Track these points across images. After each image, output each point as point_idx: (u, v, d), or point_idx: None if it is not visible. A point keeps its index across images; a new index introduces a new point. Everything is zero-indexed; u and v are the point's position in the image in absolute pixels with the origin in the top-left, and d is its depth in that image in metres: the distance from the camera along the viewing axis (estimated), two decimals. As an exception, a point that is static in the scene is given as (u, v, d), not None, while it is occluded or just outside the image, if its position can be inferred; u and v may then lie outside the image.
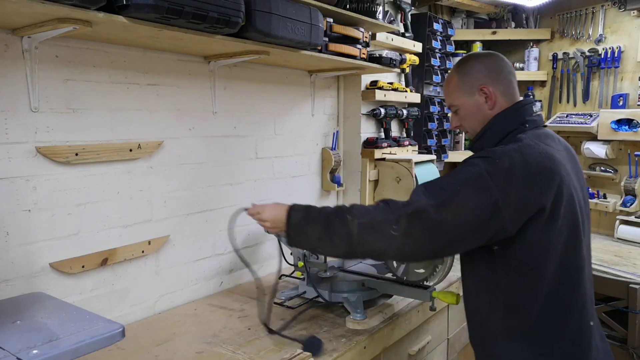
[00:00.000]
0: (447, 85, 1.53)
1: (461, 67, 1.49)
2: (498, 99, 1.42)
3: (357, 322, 1.65)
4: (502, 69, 1.45)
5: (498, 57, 1.48)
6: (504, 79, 1.45)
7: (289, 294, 1.88)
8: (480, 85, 1.43)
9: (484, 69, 1.45)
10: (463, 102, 1.46)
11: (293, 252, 1.97)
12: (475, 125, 1.47)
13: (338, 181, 2.59)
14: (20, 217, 1.42)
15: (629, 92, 3.18)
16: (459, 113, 1.49)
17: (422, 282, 1.71)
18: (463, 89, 1.46)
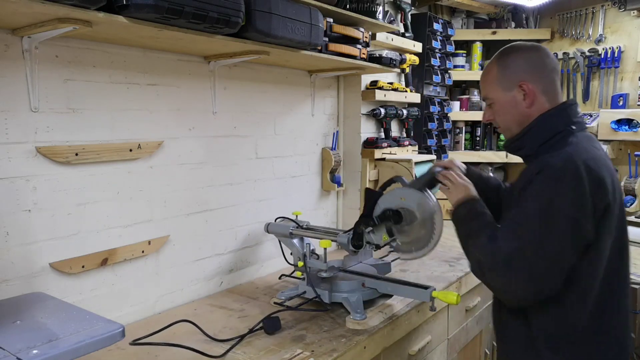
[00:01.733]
0: (485, 76, 1.46)
1: (502, 58, 1.42)
2: (537, 97, 1.36)
3: (357, 322, 1.65)
4: (546, 65, 1.38)
5: (543, 52, 1.40)
6: (547, 76, 1.38)
7: (289, 294, 1.88)
8: (519, 81, 1.36)
9: (525, 64, 1.38)
10: (499, 97, 1.41)
11: (293, 252, 1.97)
12: (509, 122, 1.42)
13: (338, 181, 2.59)
14: (20, 217, 1.42)
15: (629, 92, 3.18)
16: (493, 107, 1.44)
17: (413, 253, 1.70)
18: (501, 83, 1.40)
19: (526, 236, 1.22)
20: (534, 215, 1.23)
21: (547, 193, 1.22)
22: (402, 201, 1.65)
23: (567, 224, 1.20)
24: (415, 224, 1.65)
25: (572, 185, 1.20)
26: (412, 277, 2.14)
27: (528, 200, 1.25)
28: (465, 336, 2.32)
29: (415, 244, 1.67)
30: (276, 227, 2.08)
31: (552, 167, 1.24)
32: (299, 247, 1.99)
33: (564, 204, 1.20)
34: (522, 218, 1.25)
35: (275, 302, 1.84)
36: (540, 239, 1.21)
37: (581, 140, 1.30)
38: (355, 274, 1.89)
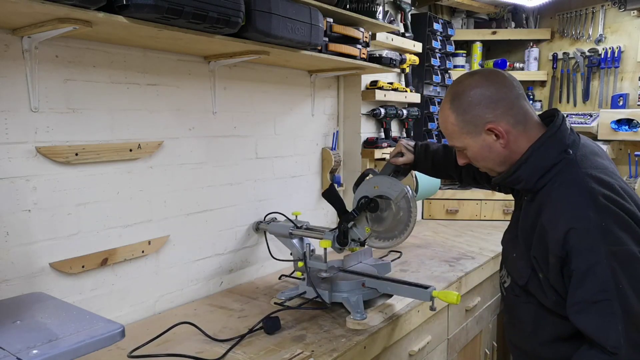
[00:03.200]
0: (444, 124, 1.30)
1: (456, 102, 1.25)
2: (512, 134, 1.22)
3: (357, 322, 1.65)
4: (507, 94, 1.21)
5: (500, 80, 1.23)
6: (512, 106, 1.21)
7: (289, 294, 1.88)
8: (485, 124, 1.21)
9: (485, 102, 1.21)
10: (469, 143, 1.26)
11: (293, 252, 1.97)
12: (491, 165, 1.29)
13: (338, 181, 2.59)
14: (20, 217, 1.42)
15: (629, 92, 3.18)
16: (467, 153, 1.30)
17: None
18: (466, 130, 1.24)
19: (623, 310, 1.04)
20: (611, 282, 1.05)
21: (604, 251, 1.06)
22: (376, 189, 1.70)
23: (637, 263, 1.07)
24: (391, 209, 1.69)
25: (618, 227, 1.07)
26: (412, 277, 2.14)
27: (589, 273, 1.07)
28: (465, 336, 2.32)
29: (396, 228, 1.70)
30: (275, 227, 2.08)
31: (585, 221, 1.09)
32: (299, 247, 1.99)
33: (627, 247, 1.06)
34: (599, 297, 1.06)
35: (276, 302, 1.84)
36: (635, 294, 1.06)
37: (585, 166, 1.17)
38: (355, 273, 1.89)
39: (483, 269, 2.39)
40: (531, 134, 1.23)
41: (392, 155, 1.73)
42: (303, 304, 1.80)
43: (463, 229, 3.10)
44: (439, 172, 1.76)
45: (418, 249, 2.61)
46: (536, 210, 1.21)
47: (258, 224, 2.18)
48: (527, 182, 1.23)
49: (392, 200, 1.68)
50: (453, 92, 1.27)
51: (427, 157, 1.71)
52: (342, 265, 1.96)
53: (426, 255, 2.50)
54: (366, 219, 1.74)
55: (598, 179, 1.14)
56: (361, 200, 1.70)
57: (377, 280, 1.80)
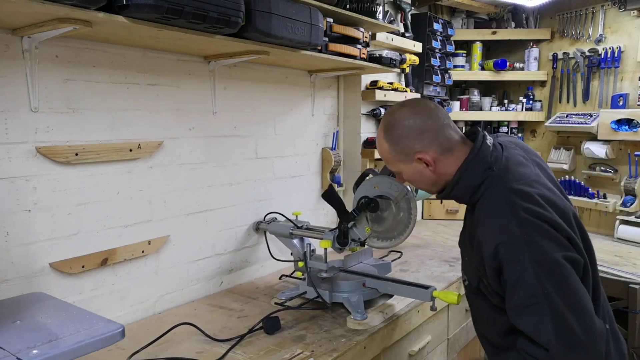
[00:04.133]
0: (380, 150, 1.42)
1: (388, 133, 1.37)
2: (439, 160, 1.33)
3: (357, 322, 1.65)
4: (432, 126, 1.33)
5: (424, 113, 1.34)
6: (437, 136, 1.33)
7: (289, 294, 1.87)
8: (415, 152, 1.33)
9: (413, 134, 1.33)
10: (403, 169, 1.39)
11: (293, 252, 1.97)
12: (425, 186, 1.42)
13: (338, 181, 2.59)
14: (20, 217, 1.42)
15: (629, 92, 3.18)
16: (403, 177, 1.43)
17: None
18: (399, 157, 1.37)
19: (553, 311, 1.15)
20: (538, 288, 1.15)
21: (528, 260, 1.16)
22: (377, 189, 1.70)
23: (566, 266, 1.17)
24: (391, 209, 1.69)
25: (539, 236, 1.17)
26: (412, 277, 2.14)
27: (519, 281, 1.18)
28: (465, 336, 2.32)
29: (396, 229, 1.70)
30: (276, 227, 2.08)
31: (509, 237, 1.19)
32: (299, 248, 1.99)
33: (549, 254, 1.16)
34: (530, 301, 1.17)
35: (276, 303, 1.84)
36: (564, 301, 1.15)
37: (506, 179, 1.26)
38: (355, 274, 1.89)
39: (483, 269, 2.38)
40: (458, 157, 1.34)
41: None
42: (303, 304, 1.80)
43: (463, 229, 3.09)
44: None
45: (418, 249, 2.61)
46: (474, 222, 1.31)
47: (258, 224, 2.18)
48: (462, 199, 1.36)
49: (392, 200, 1.68)
50: (386, 123, 1.38)
51: None
52: (343, 266, 1.96)
53: (426, 255, 2.50)
54: (366, 219, 1.74)
55: (518, 192, 1.23)
56: (361, 200, 1.70)
57: (377, 281, 1.80)
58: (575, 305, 1.16)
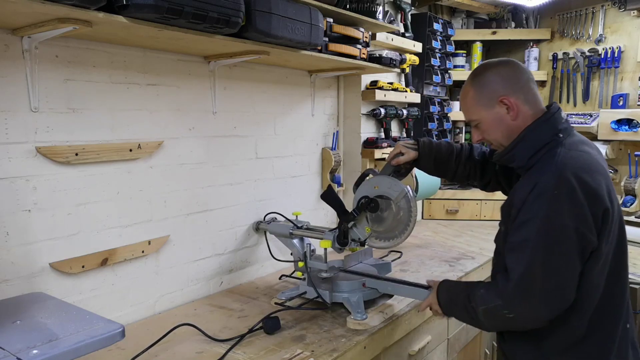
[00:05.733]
0: (463, 100, 1.47)
1: (476, 79, 1.43)
2: (521, 108, 1.37)
3: (358, 323, 1.65)
4: (520, 76, 1.39)
5: (514, 65, 1.42)
6: (523, 86, 1.38)
7: (289, 294, 1.87)
8: (499, 96, 1.37)
9: (500, 79, 1.39)
10: (483, 116, 1.42)
11: (293, 252, 1.97)
12: (500, 138, 1.42)
13: (338, 181, 2.59)
14: (20, 217, 1.42)
15: (629, 92, 3.18)
16: (480, 127, 1.45)
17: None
18: (481, 102, 1.40)
19: (530, 259, 1.24)
20: (535, 236, 1.24)
21: (543, 212, 1.23)
22: (376, 189, 1.69)
23: (571, 237, 1.22)
24: (391, 209, 1.68)
25: (567, 200, 1.22)
26: (412, 277, 2.14)
27: (526, 223, 1.27)
28: (465, 336, 2.32)
29: (396, 228, 1.69)
30: (276, 227, 2.08)
31: (544, 185, 1.25)
32: (299, 248, 1.99)
33: (563, 219, 1.22)
34: (523, 242, 1.27)
35: (276, 303, 1.84)
36: (545, 258, 1.23)
37: (570, 148, 1.31)
38: (355, 274, 1.89)
39: (483, 268, 2.39)
40: (534, 114, 1.38)
41: (390, 156, 1.73)
42: (303, 304, 1.80)
43: (463, 229, 3.10)
44: (439, 169, 1.76)
45: (418, 249, 2.61)
46: (522, 194, 1.32)
47: (258, 223, 2.17)
48: (520, 160, 1.38)
49: (392, 200, 1.68)
50: (475, 71, 1.46)
51: (431, 153, 1.71)
52: (343, 266, 1.95)
53: (426, 255, 2.50)
54: (366, 219, 1.73)
55: (577, 158, 1.29)
56: (361, 200, 1.71)
57: (377, 281, 1.80)
58: (552, 270, 1.23)
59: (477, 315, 1.38)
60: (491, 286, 1.36)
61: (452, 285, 1.54)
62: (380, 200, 1.69)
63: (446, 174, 1.76)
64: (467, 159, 1.70)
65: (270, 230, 2.10)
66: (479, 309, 1.36)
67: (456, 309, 1.49)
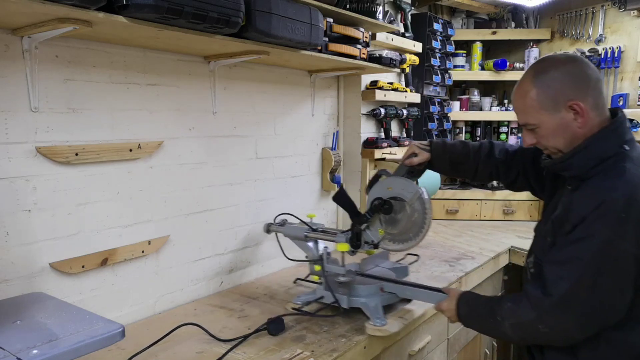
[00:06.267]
0: (520, 100, 1.30)
1: (540, 77, 1.26)
2: (589, 115, 1.23)
3: (377, 329, 1.59)
4: (591, 76, 1.24)
5: (583, 63, 1.27)
6: (594, 88, 1.24)
7: (305, 298, 1.80)
8: (568, 100, 1.22)
9: (570, 79, 1.23)
10: (544, 121, 1.26)
11: (308, 255, 1.89)
12: (561, 145, 1.28)
13: (338, 181, 2.59)
14: (20, 217, 1.42)
15: (629, 92, 3.18)
16: (537, 132, 1.29)
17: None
18: (544, 105, 1.24)
19: (579, 277, 1.17)
20: (590, 256, 1.16)
21: (606, 233, 1.15)
22: (390, 190, 1.64)
23: (629, 263, 1.15)
24: (405, 211, 1.63)
25: (634, 225, 1.14)
26: (412, 277, 2.13)
27: (582, 240, 1.18)
28: (465, 336, 2.32)
29: (410, 231, 1.64)
30: (290, 230, 1.98)
31: (611, 205, 1.15)
32: (314, 251, 1.90)
33: (626, 244, 1.14)
34: (573, 259, 1.19)
35: (294, 308, 1.78)
36: (596, 280, 1.16)
37: (638, 163, 1.20)
38: (373, 277, 1.82)
39: (483, 268, 2.39)
40: (601, 121, 1.25)
41: (405, 156, 1.69)
42: (321, 309, 1.75)
43: (463, 229, 3.09)
44: (455, 169, 1.71)
45: (418, 249, 2.61)
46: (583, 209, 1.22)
47: (269, 225, 2.07)
48: (578, 170, 1.25)
49: (406, 201, 1.62)
50: (537, 68, 1.28)
51: (445, 155, 1.66)
52: (359, 269, 1.88)
53: (426, 255, 2.50)
54: (380, 221, 1.68)
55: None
56: (374, 201, 1.65)
57: (396, 285, 1.74)
58: (600, 293, 1.16)
59: (503, 328, 1.32)
60: (521, 299, 1.28)
61: (472, 299, 1.48)
62: (394, 201, 1.64)
63: (465, 174, 1.70)
64: (487, 157, 1.62)
65: (285, 232, 1.99)
66: (506, 322, 1.30)
67: (477, 322, 1.44)
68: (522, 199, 3.33)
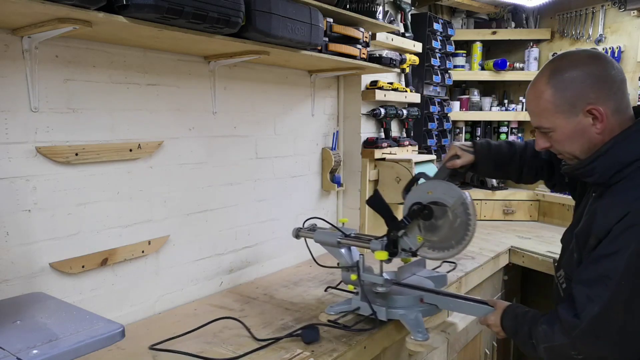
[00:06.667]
0: (534, 101, 1.21)
1: (557, 76, 1.16)
2: (609, 120, 1.14)
3: (419, 344, 1.50)
4: (614, 78, 1.14)
5: (606, 62, 1.15)
6: (617, 91, 1.14)
7: (339, 308, 1.71)
8: (587, 104, 1.13)
9: (590, 82, 1.13)
10: (560, 124, 1.18)
11: (340, 262, 1.79)
12: (575, 151, 1.20)
13: (338, 181, 2.59)
14: (20, 217, 1.42)
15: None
16: (552, 136, 1.21)
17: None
18: (561, 108, 1.16)
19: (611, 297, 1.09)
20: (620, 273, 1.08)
21: (634, 246, 1.06)
22: (430, 194, 1.53)
23: None
24: (447, 217, 1.51)
25: None
26: (412, 277, 2.13)
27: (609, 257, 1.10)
28: (465, 336, 2.32)
29: (452, 238, 1.52)
30: (322, 236, 1.84)
31: (637, 215, 1.07)
32: (348, 258, 1.78)
33: None
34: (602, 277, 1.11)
35: (329, 320, 1.68)
36: (630, 298, 1.08)
37: None
38: (412, 288, 1.72)
39: (483, 268, 2.39)
40: (622, 124, 1.16)
41: (446, 158, 1.61)
42: (358, 322, 1.65)
43: (463, 229, 3.09)
44: (500, 171, 1.64)
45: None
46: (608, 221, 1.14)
47: (298, 230, 1.96)
48: (601, 176, 1.17)
49: (448, 207, 1.51)
50: (554, 66, 1.18)
51: (490, 156, 1.58)
52: (396, 278, 1.76)
53: (426, 255, 2.49)
54: (418, 228, 1.57)
55: None
56: (413, 206, 1.53)
57: (436, 296, 1.63)
58: (638, 311, 1.09)
59: (539, 351, 1.26)
60: (554, 322, 1.21)
61: (519, 315, 1.38)
62: (435, 207, 1.52)
63: (510, 175, 1.62)
64: (533, 157, 1.54)
65: (316, 238, 1.85)
66: (541, 346, 1.24)
67: (519, 341, 1.37)
68: (522, 199, 3.34)
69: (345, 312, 1.71)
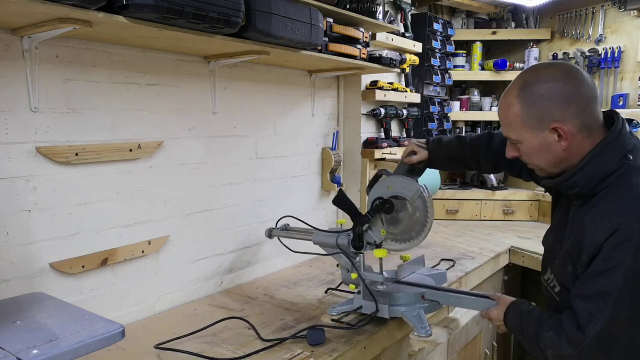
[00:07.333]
0: (505, 112, 1.23)
1: (526, 91, 1.18)
2: (575, 137, 1.16)
3: (423, 340, 1.51)
4: (581, 95, 1.15)
5: (576, 79, 1.16)
6: (584, 108, 1.14)
7: (341, 308, 1.73)
8: (551, 121, 1.15)
9: (558, 99, 1.14)
10: (527, 138, 1.20)
11: (340, 263, 1.80)
12: (542, 164, 1.24)
13: (338, 181, 2.59)
14: (20, 217, 1.42)
15: (629, 92, 3.18)
16: (520, 147, 1.24)
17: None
18: (528, 123, 1.18)
19: (613, 313, 1.10)
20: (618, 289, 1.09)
21: (628, 263, 1.08)
22: (390, 190, 1.62)
23: None
24: (407, 209, 1.61)
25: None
26: (412, 277, 2.13)
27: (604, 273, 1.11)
28: (465, 336, 2.32)
29: (412, 230, 1.62)
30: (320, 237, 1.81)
31: (627, 231, 1.09)
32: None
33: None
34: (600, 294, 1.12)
35: (333, 320, 1.69)
36: (632, 313, 1.10)
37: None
38: (413, 285, 1.76)
39: (483, 268, 2.39)
40: (594, 139, 1.18)
41: (404, 155, 1.68)
42: (361, 321, 1.65)
43: (463, 229, 3.10)
44: (455, 164, 1.69)
45: (418, 249, 2.60)
46: (585, 219, 1.18)
47: (270, 230, 2.03)
48: (582, 188, 1.19)
49: (407, 200, 1.60)
50: (525, 80, 1.20)
51: (441, 151, 1.65)
52: (396, 276, 1.80)
53: (426, 255, 2.49)
54: (381, 221, 1.65)
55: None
56: (375, 201, 1.62)
57: (437, 292, 1.67)
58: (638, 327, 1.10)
59: (546, 355, 1.25)
60: (560, 329, 1.20)
61: (525, 313, 1.38)
62: (395, 200, 1.61)
63: (469, 167, 1.66)
64: (486, 149, 1.58)
65: (315, 240, 1.82)
66: (548, 352, 1.23)
67: (524, 339, 1.36)
68: (522, 199, 3.34)
69: (347, 312, 1.71)
